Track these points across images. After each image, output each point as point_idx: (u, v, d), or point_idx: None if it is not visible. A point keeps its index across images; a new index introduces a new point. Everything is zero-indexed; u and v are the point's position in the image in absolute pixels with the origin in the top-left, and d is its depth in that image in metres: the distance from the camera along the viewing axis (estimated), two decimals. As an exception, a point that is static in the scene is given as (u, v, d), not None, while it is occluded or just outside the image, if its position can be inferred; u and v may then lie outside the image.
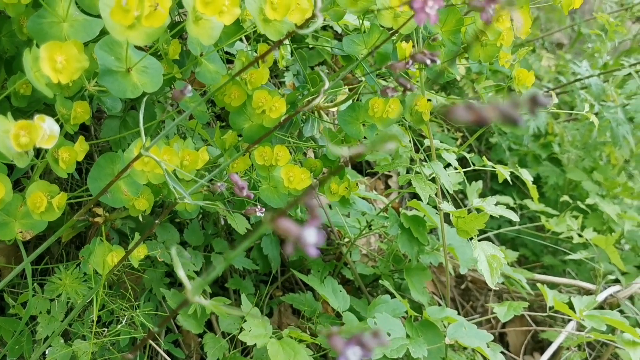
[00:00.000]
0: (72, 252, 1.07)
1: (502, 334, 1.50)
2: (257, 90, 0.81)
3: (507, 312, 1.08)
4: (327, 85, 0.67)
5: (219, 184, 0.67)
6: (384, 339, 0.37)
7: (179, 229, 1.10)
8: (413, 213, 1.13)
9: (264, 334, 0.93)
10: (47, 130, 0.57)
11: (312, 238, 0.34)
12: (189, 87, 0.58)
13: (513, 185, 1.75)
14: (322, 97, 0.68)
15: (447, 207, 1.02)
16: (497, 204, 1.07)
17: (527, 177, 1.17)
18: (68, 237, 0.99)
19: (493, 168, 1.13)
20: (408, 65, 0.61)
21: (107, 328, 0.91)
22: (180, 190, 0.66)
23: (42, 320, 0.88)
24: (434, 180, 1.03)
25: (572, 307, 1.14)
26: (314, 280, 1.09)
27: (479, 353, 0.99)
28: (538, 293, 1.41)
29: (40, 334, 0.87)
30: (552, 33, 2.26)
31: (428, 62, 0.58)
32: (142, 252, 0.83)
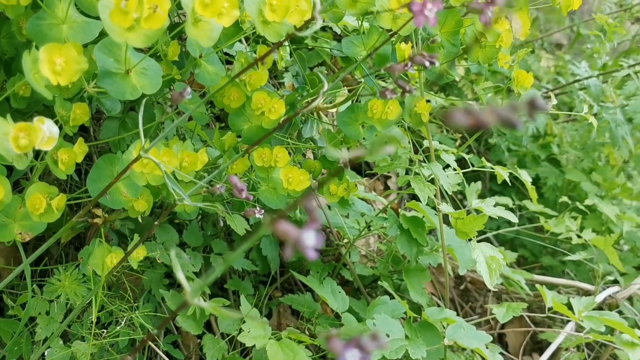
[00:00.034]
0: (71, 253, 1.07)
1: (501, 335, 1.50)
2: (256, 92, 0.81)
3: (506, 313, 1.08)
4: (326, 87, 0.67)
5: (218, 186, 0.67)
6: (383, 342, 0.37)
7: (178, 230, 1.10)
8: (412, 214, 1.13)
9: (263, 335, 0.93)
10: (46, 132, 0.57)
11: (310, 241, 0.35)
12: (188, 89, 0.58)
13: (512, 186, 1.75)
14: (321, 98, 0.68)
15: (446, 208, 1.02)
16: (496, 205, 1.07)
17: (526, 178, 1.17)
18: (67, 238, 0.99)
19: (492, 169, 1.13)
20: (407, 67, 0.61)
21: (106, 329, 0.91)
22: (180, 192, 0.66)
23: (41, 322, 0.88)
24: (433, 182, 1.03)
25: (571, 308, 1.14)
26: (313, 281, 1.09)
27: (478, 354, 0.99)
28: (537, 294, 1.41)
29: (40, 335, 0.87)
30: (551, 34, 2.26)
31: (427, 64, 0.58)
32: (141, 253, 0.83)
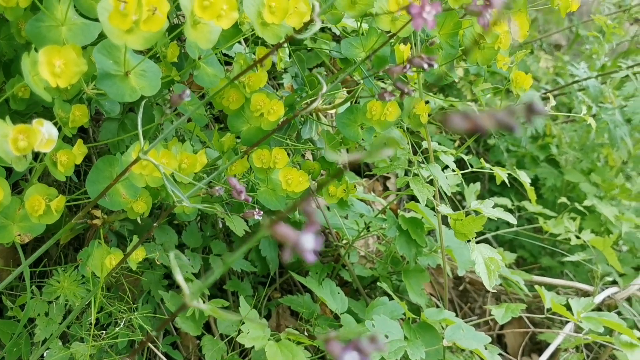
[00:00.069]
0: (70, 254, 1.07)
1: (500, 336, 1.51)
2: (255, 93, 0.81)
3: (504, 314, 1.08)
4: (325, 89, 0.67)
5: (217, 188, 0.68)
6: (381, 344, 0.37)
7: (177, 231, 1.10)
8: (411, 215, 1.13)
9: (262, 336, 0.93)
10: (45, 134, 0.57)
11: (309, 244, 0.35)
12: (187, 91, 0.58)
13: (511, 187, 1.75)
14: (320, 100, 0.68)
15: (444, 209, 1.02)
16: (494, 206, 1.07)
17: (524, 179, 1.17)
18: (66, 239, 0.99)
19: (491, 170, 1.13)
20: (406, 69, 0.61)
21: (105, 330, 0.91)
22: (179, 194, 0.66)
23: (40, 323, 0.88)
24: (432, 183, 1.03)
25: (569, 308, 1.15)
26: (312, 282, 1.09)
27: (477, 355, 0.99)
28: (536, 294, 1.41)
29: (39, 337, 0.87)
30: (550, 34, 2.26)
31: (425, 66, 0.58)
32: (140, 254, 0.83)
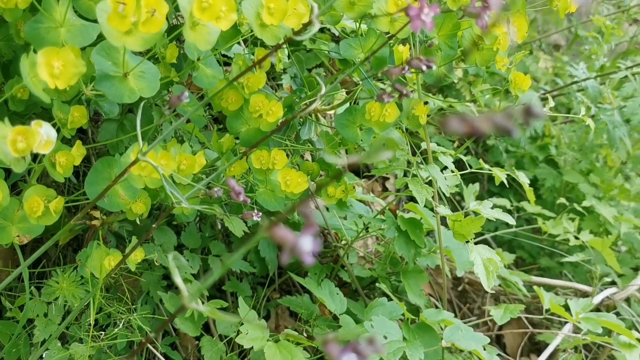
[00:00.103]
0: (69, 254, 1.07)
1: (499, 336, 1.51)
2: (254, 95, 0.81)
3: (503, 314, 1.08)
4: (323, 91, 0.67)
5: (216, 189, 0.68)
6: (380, 346, 0.37)
7: (176, 232, 1.09)
8: (410, 216, 1.13)
9: (261, 337, 0.94)
10: (44, 136, 0.57)
11: (307, 246, 0.35)
12: (186, 93, 0.58)
13: (510, 187, 1.75)
14: (318, 102, 0.68)
15: (443, 210, 1.02)
16: (493, 207, 1.07)
17: (523, 180, 1.17)
18: (65, 239, 0.99)
19: (490, 171, 1.13)
20: (404, 71, 0.61)
21: (104, 331, 0.91)
22: (177, 195, 0.66)
23: (39, 324, 0.88)
24: (431, 184, 1.03)
25: (568, 309, 1.15)
26: (311, 283, 1.09)
27: (476, 356, 0.99)
28: (535, 295, 1.41)
29: (38, 337, 0.87)
30: (549, 35, 2.26)
31: (424, 68, 0.58)
32: (139, 255, 0.83)
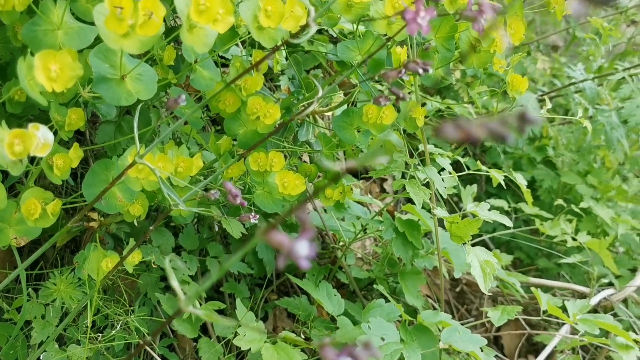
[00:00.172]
0: (66, 256, 1.07)
1: (496, 337, 1.51)
2: (251, 97, 0.81)
3: (500, 316, 1.08)
4: (320, 93, 0.67)
5: (213, 192, 0.68)
6: (375, 350, 0.37)
7: (174, 233, 1.10)
8: (407, 217, 1.13)
9: (259, 339, 0.94)
10: (41, 139, 0.57)
11: (304, 251, 0.35)
12: (183, 96, 0.58)
13: (508, 188, 1.75)
14: (316, 104, 0.68)
15: (440, 212, 1.02)
16: (491, 209, 1.08)
17: (521, 181, 1.17)
18: (63, 241, 0.99)
19: (487, 172, 1.14)
20: (401, 74, 0.62)
21: (101, 333, 0.91)
22: (175, 197, 0.66)
23: (36, 325, 0.88)
24: (428, 185, 1.03)
25: (565, 310, 1.15)
26: (309, 285, 1.09)
27: (473, 357, 0.99)
28: (532, 296, 1.41)
29: (35, 339, 0.87)
30: (547, 36, 2.27)
31: (420, 71, 0.58)
32: (136, 257, 0.83)
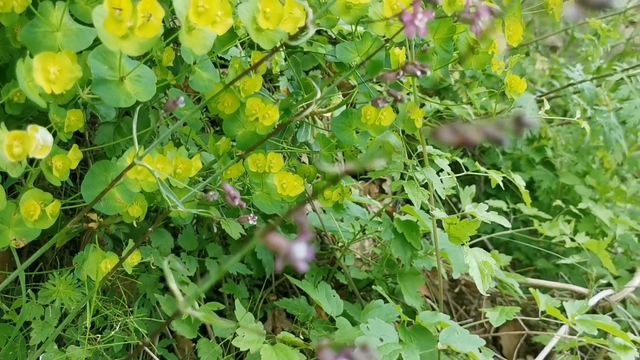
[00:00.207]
0: (66, 257, 1.07)
1: (495, 338, 1.51)
2: (250, 98, 0.81)
3: (499, 317, 1.08)
4: (319, 94, 0.67)
5: (212, 193, 0.68)
6: (373, 353, 0.37)
7: (173, 234, 1.10)
8: (406, 218, 1.13)
9: (257, 339, 0.94)
10: (40, 141, 0.57)
11: (301, 253, 0.35)
12: (182, 98, 0.58)
13: (506, 189, 1.76)
14: (314, 105, 0.68)
15: (439, 213, 1.02)
16: (489, 209, 1.08)
17: (519, 182, 1.17)
18: (62, 242, 0.99)
19: (486, 173, 1.14)
20: (399, 76, 0.62)
21: (100, 334, 0.91)
22: (173, 199, 0.66)
23: (36, 326, 0.88)
24: (427, 186, 1.03)
25: (564, 311, 1.15)
26: (308, 285, 1.09)
27: (472, 358, 0.99)
28: (531, 296, 1.41)
29: (34, 340, 0.87)
30: (546, 37, 2.27)
31: (418, 73, 0.58)
32: (135, 258, 0.83)
